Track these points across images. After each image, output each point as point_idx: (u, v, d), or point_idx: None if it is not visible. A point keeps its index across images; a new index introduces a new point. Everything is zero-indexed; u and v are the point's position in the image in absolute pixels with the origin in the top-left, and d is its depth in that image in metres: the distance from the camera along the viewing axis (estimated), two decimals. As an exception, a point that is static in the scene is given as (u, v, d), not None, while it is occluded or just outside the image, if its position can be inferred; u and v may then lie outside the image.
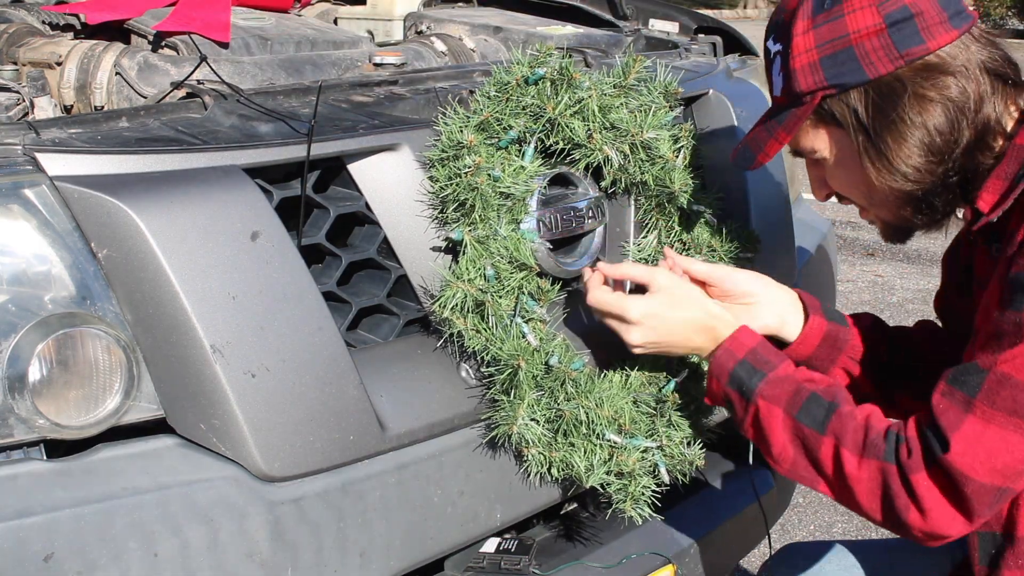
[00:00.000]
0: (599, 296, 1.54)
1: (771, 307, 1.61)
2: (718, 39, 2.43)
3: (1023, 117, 1.37)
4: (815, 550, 1.80)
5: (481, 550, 1.65)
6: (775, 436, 1.43)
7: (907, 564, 1.75)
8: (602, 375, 1.65)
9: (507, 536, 1.69)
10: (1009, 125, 1.37)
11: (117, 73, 1.98)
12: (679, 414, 1.66)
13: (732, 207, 2.00)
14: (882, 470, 1.33)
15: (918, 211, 1.42)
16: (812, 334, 1.61)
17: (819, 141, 1.44)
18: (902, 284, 5.47)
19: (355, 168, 1.56)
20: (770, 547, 1.94)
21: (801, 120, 1.42)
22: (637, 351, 1.55)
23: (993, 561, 1.43)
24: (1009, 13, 18.53)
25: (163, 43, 2.13)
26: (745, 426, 1.48)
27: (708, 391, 1.53)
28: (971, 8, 1.39)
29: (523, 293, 1.57)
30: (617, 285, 1.59)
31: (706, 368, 1.58)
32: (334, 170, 1.58)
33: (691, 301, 1.53)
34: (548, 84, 1.61)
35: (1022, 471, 1.29)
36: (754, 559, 2.95)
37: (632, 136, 1.67)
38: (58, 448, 1.32)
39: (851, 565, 1.76)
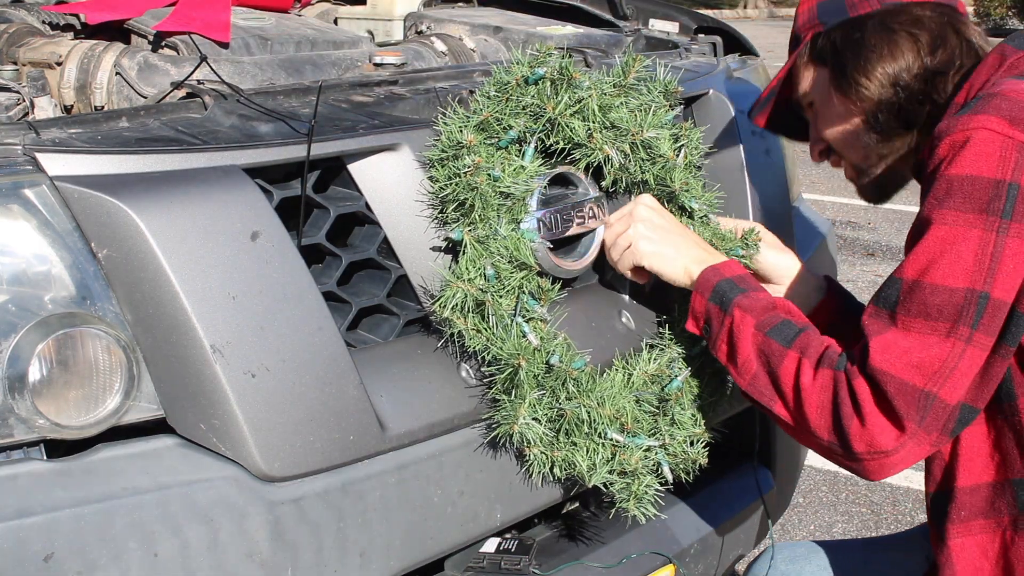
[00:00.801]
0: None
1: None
2: (718, 39, 2.42)
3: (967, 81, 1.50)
4: (793, 551, 1.82)
5: (481, 550, 1.65)
6: (743, 346, 1.49)
7: (882, 562, 1.78)
8: (604, 374, 1.65)
9: (507, 536, 1.69)
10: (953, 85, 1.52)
11: (117, 73, 1.98)
12: (682, 412, 1.66)
13: (732, 207, 2.00)
14: (833, 378, 1.39)
15: (873, 131, 1.57)
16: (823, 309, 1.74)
17: (808, 82, 1.64)
18: (902, 284, 5.46)
19: (355, 168, 1.56)
20: (772, 547, 1.95)
21: (794, 58, 1.63)
22: (643, 244, 1.64)
23: (940, 517, 1.49)
24: (1009, 13, 18.53)
25: (163, 43, 2.13)
26: (719, 342, 1.54)
27: (690, 311, 1.59)
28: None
29: (523, 293, 1.57)
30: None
31: (707, 364, 1.60)
32: (334, 170, 1.58)
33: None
34: (548, 84, 1.61)
35: (941, 371, 1.33)
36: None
37: (632, 136, 1.67)
38: (58, 448, 1.32)
39: (828, 564, 1.79)
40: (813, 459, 3.61)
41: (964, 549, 1.47)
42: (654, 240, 1.65)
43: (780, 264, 1.78)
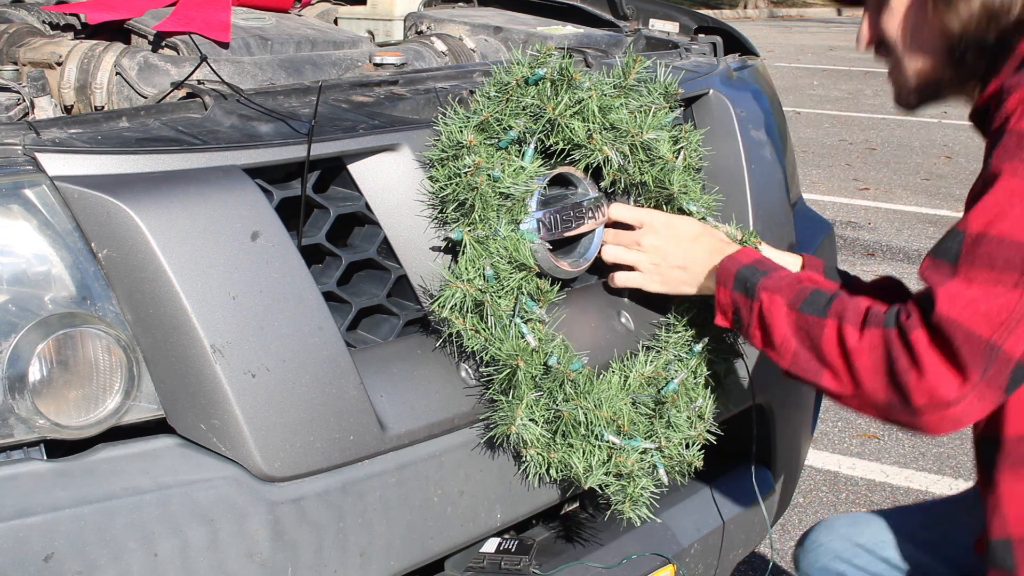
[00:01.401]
0: (619, 211, 1.72)
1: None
2: (718, 39, 2.42)
3: None
4: (854, 517, 1.85)
5: (481, 550, 1.65)
6: (777, 327, 1.48)
7: (942, 521, 1.79)
8: (601, 376, 1.65)
9: (507, 536, 1.69)
10: None
11: (117, 73, 1.98)
12: (678, 415, 1.66)
13: (732, 207, 2.00)
14: (884, 336, 1.38)
15: (951, 61, 1.50)
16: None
17: None
18: (902, 284, 5.46)
19: (355, 168, 1.56)
20: (771, 547, 1.94)
21: None
22: (645, 262, 1.67)
23: (988, 464, 1.50)
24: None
25: (163, 43, 2.13)
26: (751, 328, 1.53)
27: (716, 305, 1.59)
28: None
29: (522, 293, 1.57)
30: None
31: (704, 367, 1.59)
32: (334, 170, 1.58)
33: (696, 223, 1.71)
34: (548, 84, 1.61)
35: (1007, 322, 1.32)
36: (754, 559, 2.95)
37: (632, 137, 1.67)
38: (58, 448, 1.32)
39: (888, 526, 1.80)
40: (813, 459, 3.61)
41: (1014, 494, 1.47)
42: (659, 254, 1.68)
43: (784, 262, 1.78)
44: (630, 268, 1.73)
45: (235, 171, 1.40)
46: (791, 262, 1.76)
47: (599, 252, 1.74)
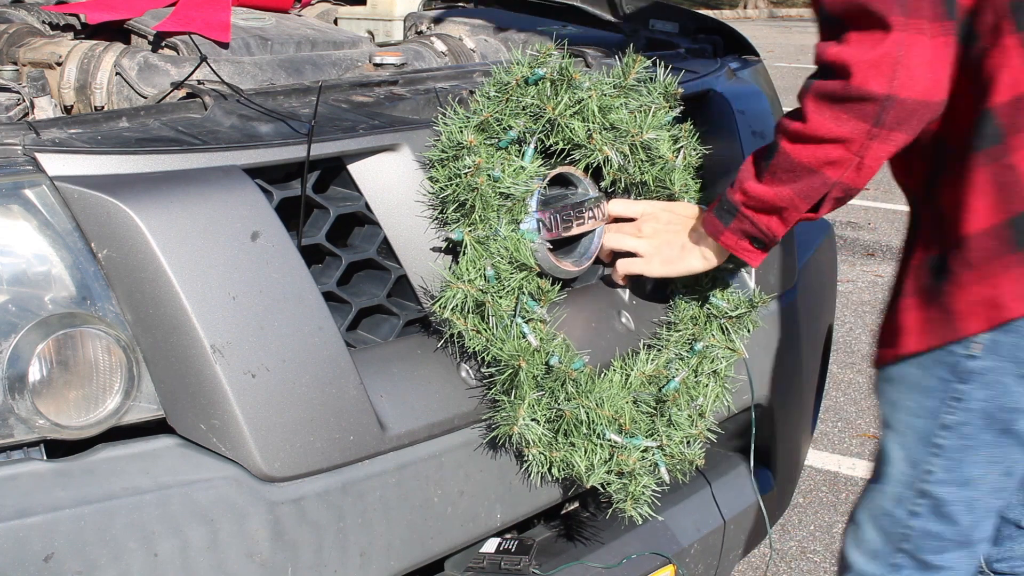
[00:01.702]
0: (618, 206, 1.74)
1: None
2: (718, 39, 2.42)
3: None
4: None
5: (481, 550, 1.65)
6: (772, 200, 1.51)
7: None
8: (602, 375, 1.65)
9: (507, 536, 1.69)
10: None
11: (117, 73, 1.98)
12: (679, 413, 1.66)
13: (732, 207, 2.00)
14: (812, 92, 1.42)
15: None
16: None
17: None
18: (902, 284, 5.46)
19: (355, 168, 1.56)
20: (771, 547, 1.95)
21: None
22: (646, 247, 1.70)
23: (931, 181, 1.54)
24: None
25: (163, 43, 2.13)
26: (767, 227, 1.56)
27: (734, 252, 1.62)
28: None
29: (523, 293, 1.57)
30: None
31: (705, 365, 1.60)
32: (334, 170, 1.58)
33: (692, 206, 1.73)
34: (548, 84, 1.61)
35: None
36: (754, 559, 2.95)
37: (632, 136, 1.68)
38: (58, 448, 1.32)
39: None
40: (813, 459, 3.61)
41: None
42: (658, 234, 1.70)
43: None
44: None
45: (235, 171, 1.40)
46: None
47: (599, 250, 1.74)
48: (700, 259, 1.68)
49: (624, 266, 1.74)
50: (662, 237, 1.70)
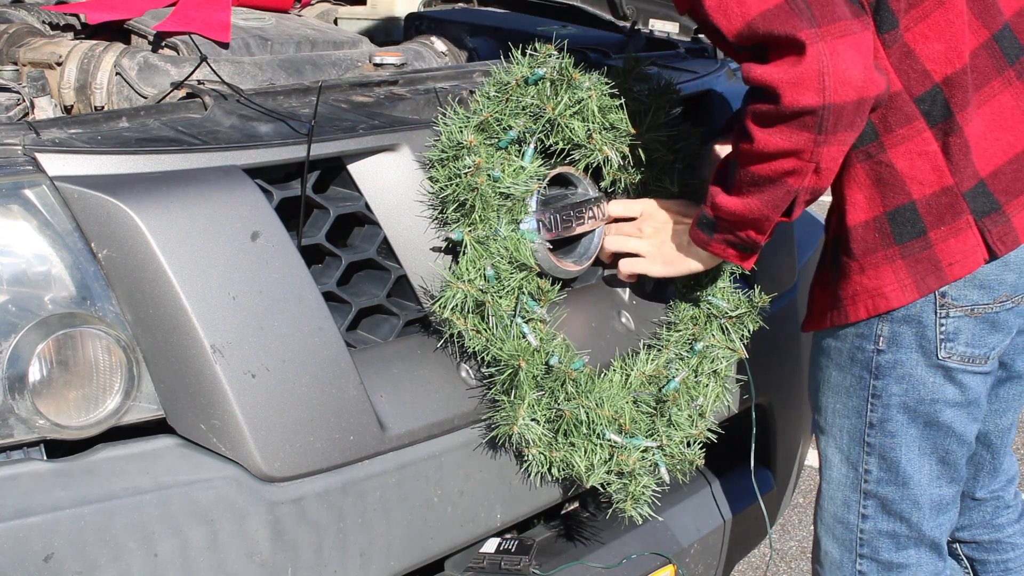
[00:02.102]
0: (617, 206, 1.74)
1: None
2: (718, 39, 2.42)
3: None
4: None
5: (481, 550, 1.65)
6: (743, 211, 1.52)
7: None
8: (602, 375, 1.65)
9: (507, 536, 1.69)
10: None
11: (117, 73, 1.98)
12: (679, 413, 1.66)
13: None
14: (747, 116, 1.42)
15: None
16: None
17: None
18: (902, 284, 5.46)
19: (355, 168, 1.56)
20: (771, 547, 1.95)
21: None
22: (647, 247, 1.70)
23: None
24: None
25: (163, 43, 2.13)
26: (745, 234, 1.56)
27: (725, 259, 1.63)
28: None
29: (523, 293, 1.57)
30: None
31: (705, 365, 1.60)
32: (334, 170, 1.58)
33: (692, 204, 1.72)
34: (548, 84, 1.61)
35: None
36: (754, 559, 2.95)
37: (632, 137, 1.68)
38: (58, 448, 1.32)
39: None
40: (813, 459, 3.61)
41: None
42: (659, 237, 1.70)
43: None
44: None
45: (235, 171, 1.40)
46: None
47: (600, 250, 1.74)
48: (698, 263, 1.68)
49: (627, 266, 1.74)
50: (662, 237, 1.70)
